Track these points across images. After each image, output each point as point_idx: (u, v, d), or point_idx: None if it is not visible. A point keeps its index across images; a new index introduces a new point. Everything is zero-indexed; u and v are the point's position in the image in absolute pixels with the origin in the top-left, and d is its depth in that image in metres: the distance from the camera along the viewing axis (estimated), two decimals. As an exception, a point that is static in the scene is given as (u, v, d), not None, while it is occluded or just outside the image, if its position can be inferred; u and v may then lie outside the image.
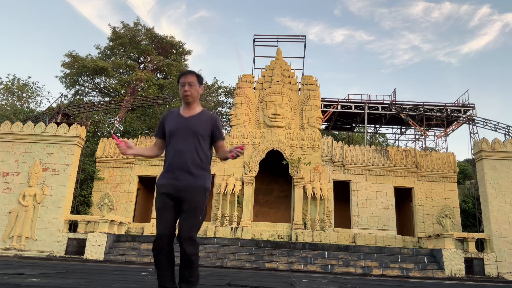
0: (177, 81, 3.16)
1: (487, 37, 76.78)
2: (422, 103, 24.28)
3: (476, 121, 22.05)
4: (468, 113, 23.75)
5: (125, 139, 3.01)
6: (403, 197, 19.17)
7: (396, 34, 78.54)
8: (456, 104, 24.48)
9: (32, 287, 2.86)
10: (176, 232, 2.90)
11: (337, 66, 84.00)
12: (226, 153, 3.03)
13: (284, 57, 20.25)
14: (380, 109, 24.33)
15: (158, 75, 33.51)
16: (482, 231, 16.51)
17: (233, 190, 16.95)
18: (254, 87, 19.42)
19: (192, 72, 3.09)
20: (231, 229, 16.21)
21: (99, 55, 32.35)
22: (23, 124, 15.47)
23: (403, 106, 24.19)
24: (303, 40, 22.98)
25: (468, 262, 13.35)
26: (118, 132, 27.74)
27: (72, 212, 15.82)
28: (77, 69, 29.93)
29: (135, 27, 32.69)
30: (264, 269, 12.30)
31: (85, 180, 18.29)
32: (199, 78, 3.10)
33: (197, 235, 2.94)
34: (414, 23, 76.29)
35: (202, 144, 3.02)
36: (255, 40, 23.01)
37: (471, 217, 20.08)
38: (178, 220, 2.94)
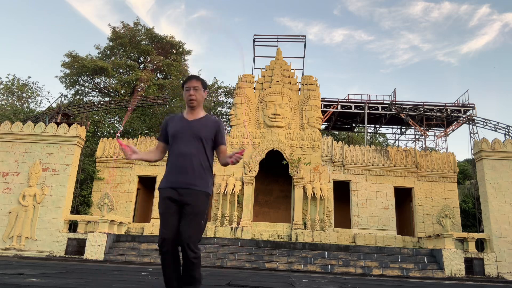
0: (182, 86, 3.20)
1: (486, 37, 76.84)
2: (422, 103, 24.27)
3: (476, 121, 22.04)
4: (468, 113, 23.74)
5: (130, 144, 3.01)
6: (403, 197, 19.17)
7: (395, 34, 78.59)
8: (456, 104, 24.47)
9: (32, 287, 2.85)
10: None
11: (336, 66, 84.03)
12: (227, 159, 3.04)
13: (284, 57, 20.26)
14: (380, 109, 24.33)
15: (158, 75, 33.50)
16: (482, 231, 16.50)
17: (233, 190, 16.94)
18: (254, 87, 19.42)
19: (197, 77, 3.16)
20: (231, 229, 16.21)
21: (99, 55, 32.34)
22: (23, 124, 15.46)
23: (403, 106, 24.18)
24: (303, 40, 22.99)
25: (468, 262, 13.35)
26: (118, 132, 27.71)
27: (72, 212, 15.81)
28: (77, 69, 29.92)
29: (135, 27, 32.67)
30: (264, 269, 12.29)
31: (85, 180, 18.28)
32: (203, 83, 3.17)
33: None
34: (413, 23, 76.35)
35: (205, 148, 3.03)
36: (255, 40, 23.02)
37: (471, 217, 20.08)
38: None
